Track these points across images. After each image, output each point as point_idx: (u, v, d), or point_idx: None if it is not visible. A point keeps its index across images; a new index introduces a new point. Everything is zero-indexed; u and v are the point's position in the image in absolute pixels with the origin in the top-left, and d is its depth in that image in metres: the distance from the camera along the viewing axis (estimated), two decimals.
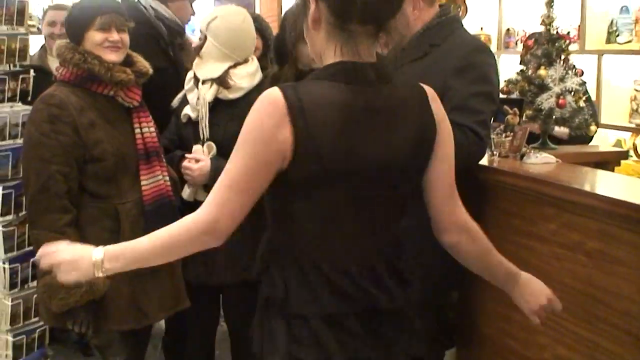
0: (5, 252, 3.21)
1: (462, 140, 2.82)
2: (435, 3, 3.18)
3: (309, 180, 1.80)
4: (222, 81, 3.13)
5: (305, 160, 1.76)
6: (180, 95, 3.29)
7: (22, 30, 3.34)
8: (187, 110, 3.21)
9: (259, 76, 3.24)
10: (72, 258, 1.87)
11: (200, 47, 3.18)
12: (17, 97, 3.27)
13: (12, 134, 3.16)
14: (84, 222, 2.80)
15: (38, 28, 5.93)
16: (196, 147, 3.13)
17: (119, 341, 2.92)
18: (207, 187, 3.06)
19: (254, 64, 3.25)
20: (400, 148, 1.87)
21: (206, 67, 3.17)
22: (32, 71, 3.33)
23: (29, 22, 3.84)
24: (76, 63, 2.82)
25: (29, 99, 3.25)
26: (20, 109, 3.18)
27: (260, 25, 3.85)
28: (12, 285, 3.23)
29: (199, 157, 3.09)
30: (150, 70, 3.01)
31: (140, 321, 2.89)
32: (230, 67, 3.14)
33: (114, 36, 2.86)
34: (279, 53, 3.36)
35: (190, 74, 3.26)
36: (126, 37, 2.91)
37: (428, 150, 1.94)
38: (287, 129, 1.74)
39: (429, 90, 1.99)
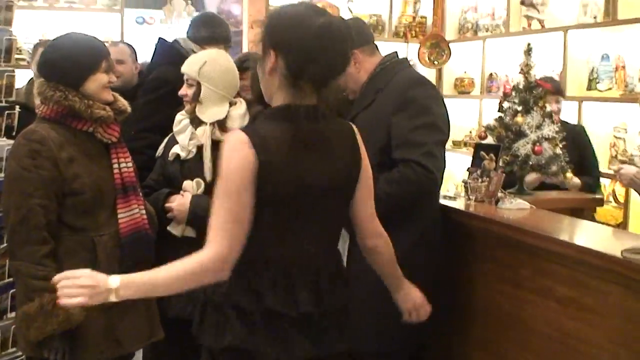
0: None
1: (409, 174, 2.92)
2: (376, 52, 3.30)
3: (264, 199, 2.16)
4: (222, 123, 3.23)
5: (263, 183, 2.14)
6: (164, 142, 3.42)
7: (8, 67, 3.39)
8: (176, 150, 3.31)
9: (247, 118, 3.30)
10: (92, 284, 2.06)
11: (198, 93, 3.27)
12: (2, 132, 3.31)
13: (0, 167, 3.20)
14: (61, 254, 2.83)
15: (27, 61, 6.01)
16: (186, 183, 3.23)
17: None
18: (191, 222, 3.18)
19: (242, 106, 3.33)
20: (337, 173, 2.28)
21: (211, 111, 3.27)
22: (17, 107, 3.36)
23: (18, 56, 3.89)
24: (57, 100, 2.86)
25: (14, 134, 3.29)
26: (5, 144, 3.22)
27: (244, 65, 3.91)
28: None
29: (187, 192, 3.19)
30: (129, 109, 3.07)
31: (115, 351, 2.91)
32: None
33: (113, 77, 2.96)
34: (258, 92, 3.42)
35: (179, 118, 3.35)
36: (113, 77, 3.00)
37: (357, 175, 2.36)
38: (253, 158, 2.13)
39: (355, 127, 2.41)
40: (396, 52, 3.35)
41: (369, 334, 3.04)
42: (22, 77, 4.24)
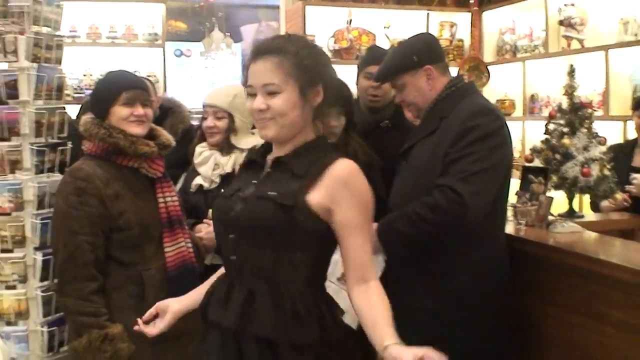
0: (44, 316, 3.28)
1: (439, 200, 2.80)
2: (448, 72, 3.16)
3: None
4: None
5: None
6: (184, 175, 3.59)
7: (60, 104, 3.46)
8: (198, 181, 3.44)
9: None
10: None
11: (232, 124, 3.40)
12: (55, 168, 3.37)
13: (51, 203, 3.26)
14: (110, 289, 2.88)
15: (73, 97, 6.13)
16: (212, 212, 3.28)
17: None
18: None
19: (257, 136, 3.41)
20: None
21: (248, 139, 3.40)
22: (69, 143, 3.43)
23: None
24: (102, 137, 2.92)
25: (66, 169, 3.35)
26: (59, 179, 3.28)
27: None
28: (50, 348, 3.29)
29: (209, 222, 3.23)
30: (173, 143, 3.12)
31: None
32: None
33: (139, 110, 2.97)
34: None
35: (199, 150, 3.48)
36: (150, 112, 3.02)
37: None
38: None
39: None
40: (462, 75, 3.29)
41: None
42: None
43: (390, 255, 2.99)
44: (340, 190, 2.09)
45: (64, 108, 3.49)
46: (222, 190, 2.93)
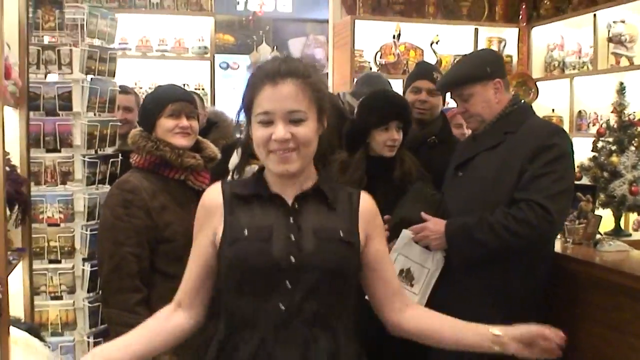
0: (90, 327, 3.33)
1: (527, 214, 2.85)
2: (510, 89, 3.23)
3: None
4: None
5: None
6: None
7: (112, 117, 3.53)
8: None
9: None
10: None
11: None
12: (107, 180, 3.43)
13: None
14: (154, 301, 2.87)
15: None
16: None
17: None
18: None
19: None
20: None
21: None
22: (120, 155, 3.49)
23: None
24: (149, 150, 2.97)
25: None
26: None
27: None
28: None
29: None
30: (219, 155, 3.15)
31: None
32: None
33: (184, 122, 3.00)
34: (350, 139, 3.46)
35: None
36: (195, 124, 3.06)
37: None
38: None
39: None
40: (519, 95, 3.33)
41: None
42: None
43: (456, 259, 3.04)
44: (373, 221, 2.07)
45: (117, 121, 3.56)
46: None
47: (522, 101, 3.24)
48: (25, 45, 3.09)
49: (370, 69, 6.76)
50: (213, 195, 2.06)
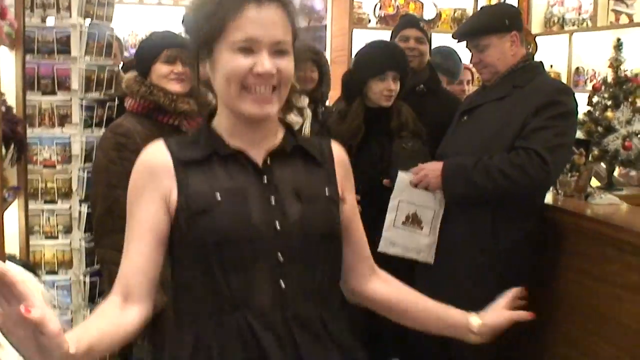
0: (86, 266, 3.38)
1: (524, 160, 2.91)
2: (524, 45, 3.27)
3: None
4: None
5: None
6: None
7: (110, 62, 3.54)
8: None
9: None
10: None
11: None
12: (103, 124, 3.45)
13: None
14: None
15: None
16: None
17: None
18: None
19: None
20: None
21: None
22: (117, 99, 3.50)
23: None
24: (143, 95, 2.99)
25: None
26: None
27: (317, 58, 4.02)
28: (91, 298, 3.40)
29: None
30: (213, 102, 3.15)
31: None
32: None
33: (179, 68, 3.02)
34: (348, 89, 3.49)
35: None
36: (190, 70, 3.07)
37: None
38: None
39: None
40: (531, 52, 3.36)
41: None
42: None
43: (450, 197, 3.11)
44: (347, 174, 1.79)
45: (114, 66, 3.57)
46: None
47: (535, 60, 3.29)
48: None
49: (369, 21, 6.73)
50: (156, 153, 1.69)
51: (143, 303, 1.62)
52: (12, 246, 3.07)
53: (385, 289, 1.82)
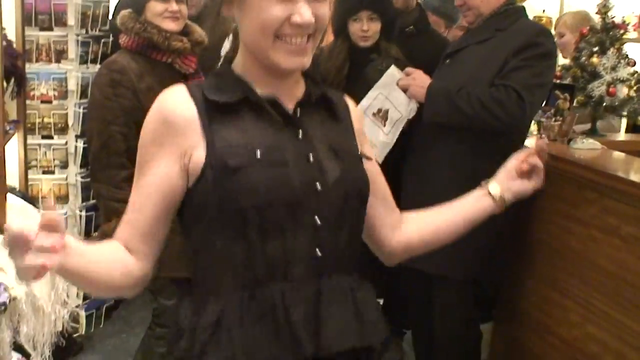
0: (82, 200, 3.46)
1: (503, 96, 2.98)
2: None
3: None
4: None
5: None
6: None
7: None
8: None
9: None
10: None
11: None
12: (98, 60, 3.50)
13: None
14: None
15: None
16: None
17: (170, 286, 3.06)
18: None
19: None
20: None
21: None
22: (111, 35, 3.54)
23: None
24: (137, 32, 3.02)
25: None
26: None
27: None
28: (87, 232, 3.49)
29: None
30: (206, 40, 3.20)
31: (190, 269, 3.09)
32: None
33: (173, 6, 3.05)
34: (334, 26, 3.55)
35: None
36: (184, 8, 3.10)
37: None
38: None
39: None
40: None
41: (438, 258, 3.18)
42: None
43: (428, 114, 3.18)
44: (360, 127, 1.69)
45: (108, 1, 3.61)
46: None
47: (518, 4, 3.33)
48: None
49: None
50: (178, 102, 1.49)
51: (138, 263, 1.51)
52: (12, 179, 3.13)
53: (414, 228, 1.72)
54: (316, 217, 1.45)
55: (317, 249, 1.46)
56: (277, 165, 1.43)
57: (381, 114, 3.27)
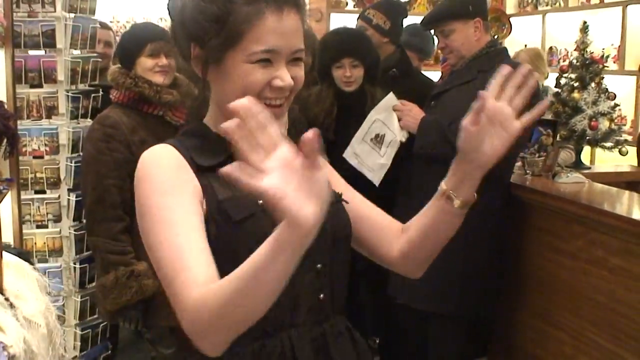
0: (76, 253, 3.49)
1: None
2: (489, 32, 3.44)
3: None
4: None
5: None
6: None
7: (94, 53, 3.64)
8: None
9: None
10: None
11: None
12: (88, 114, 3.55)
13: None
14: (136, 229, 3.03)
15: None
16: None
17: (169, 335, 3.09)
18: None
19: None
20: None
21: None
22: (101, 90, 3.60)
23: None
24: (128, 87, 3.08)
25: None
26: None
27: (311, 42, 4.09)
28: (81, 284, 3.51)
29: None
30: (195, 91, 3.23)
31: None
32: None
33: (163, 61, 3.11)
34: (319, 72, 3.62)
35: None
36: (173, 62, 3.12)
37: None
38: None
39: None
40: (498, 37, 3.49)
41: (431, 296, 3.24)
42: None
43: (419, 145, 3.28)
44: (330, 169, 1.71)
45: (97, 57, 3.67)
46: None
47: (500, 46, 3.46)
48: None
49: (347, 4, 6.83)
50: (173, 153, 1.53)
51: None
52: (6, 234, 3.16)
53: (409, 235, 1.64)
54: (318, 263, 1.48)
55: (321, 294, 1.49)
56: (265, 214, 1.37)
57: (378, 138, 3.36)
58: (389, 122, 3.37)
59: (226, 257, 1.31)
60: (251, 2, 1.41)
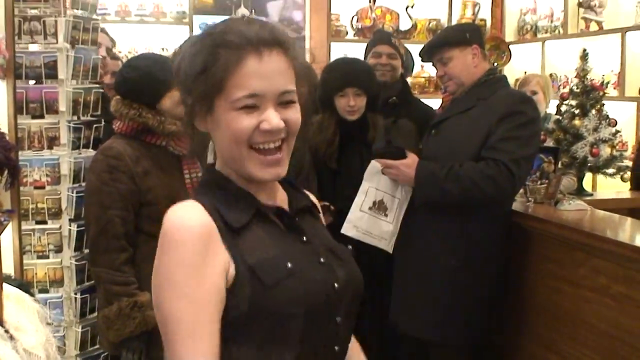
0: (77, 284, 3.48)
1: (494, 172, 3.06)
2: (487, 59, 3.46)
3: None
4: None
5: None
6: None
7: (95, 84, 3.65)
8: None
9: None
10: None
11: None
12: (90, 145, 3.56)
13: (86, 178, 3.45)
14: (139, 260, 3.04)
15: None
16: None
17: None
18: None
19: None
20: None
21: None
22: (103, 121, 3.61)
23: None
24: (131, 117, 3.09)
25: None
26: (93, 155, 3.46)
27: (308, 72, 4.12)
28: (82, 314, 3.50)
29: None
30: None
31: None
32: None
33: None
34: (320, 102, 3.64)
35: None
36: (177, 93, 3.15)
37: None
38: None
39: None
40: (497, 65, 3.52)
41: (434, 324, 3.23)
42: None
43: (420, 201, 3.26)
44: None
45: (100, 88, 3.68)
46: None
47: (499, 73, 3.48)
48: (11, 18, 3.17)
49: (347, 33, 6.87)
50: (201, 219, 1.42)
51: None
52: (7, 265, 3.15)
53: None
54: (337, 318, 1.49)
55: (336, 346, 1.50)
56: (307, 272, 1.44)
57: (377, 206, 3.34)
58: (382, 186, 3.36)
59: (259, 319, 1.37)
60: (232, 47, 1.41)
